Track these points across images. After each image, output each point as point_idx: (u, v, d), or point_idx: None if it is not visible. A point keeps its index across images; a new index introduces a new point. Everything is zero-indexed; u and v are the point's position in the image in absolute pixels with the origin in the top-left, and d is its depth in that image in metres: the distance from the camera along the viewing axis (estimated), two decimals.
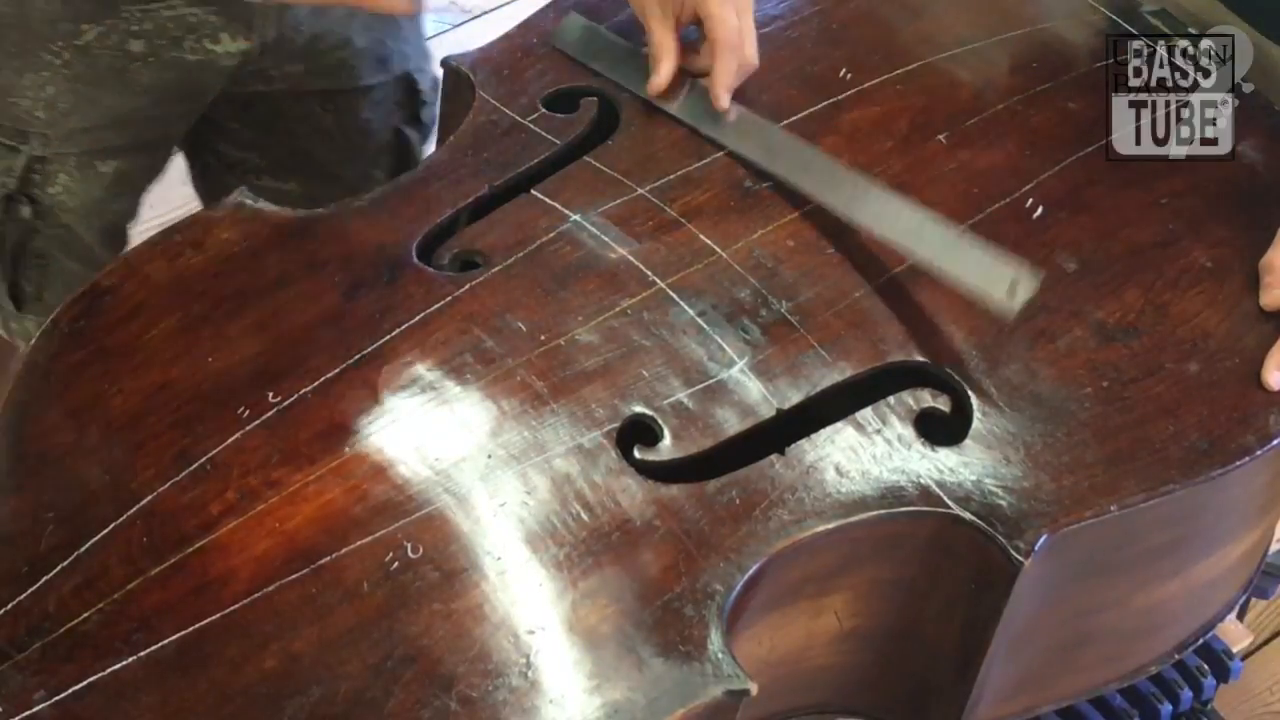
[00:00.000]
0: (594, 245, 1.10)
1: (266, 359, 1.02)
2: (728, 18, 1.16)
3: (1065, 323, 1.10)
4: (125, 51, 1.26)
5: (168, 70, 1.28)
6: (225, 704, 0.88)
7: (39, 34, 1.25)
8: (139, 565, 0.92)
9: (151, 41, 1.26)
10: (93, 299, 1.05)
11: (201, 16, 1.26)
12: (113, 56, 1.26)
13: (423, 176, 1.15)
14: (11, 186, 1.32)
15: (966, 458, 1.02)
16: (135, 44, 1.26)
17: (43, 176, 1.32)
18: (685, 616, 0.94)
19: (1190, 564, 1.13)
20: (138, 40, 1.26)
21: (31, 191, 1.33)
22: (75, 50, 1.25)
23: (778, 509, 0.99)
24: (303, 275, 1.07)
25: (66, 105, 1.28)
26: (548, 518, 0.97)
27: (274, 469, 0.97)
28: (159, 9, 1.24)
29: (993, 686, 1.08)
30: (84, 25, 1.24)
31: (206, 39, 1.28)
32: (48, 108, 1.28)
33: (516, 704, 0.89)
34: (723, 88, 1.17)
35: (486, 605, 0.93)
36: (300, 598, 0.92)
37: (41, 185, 1.33)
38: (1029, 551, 0.98)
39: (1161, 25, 1.29)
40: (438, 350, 1.03)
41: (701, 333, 1.06)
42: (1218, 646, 1.31)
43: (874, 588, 1.04)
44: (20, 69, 1.26)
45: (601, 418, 1.01)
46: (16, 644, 0.89)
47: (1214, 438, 1.05)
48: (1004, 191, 1.16)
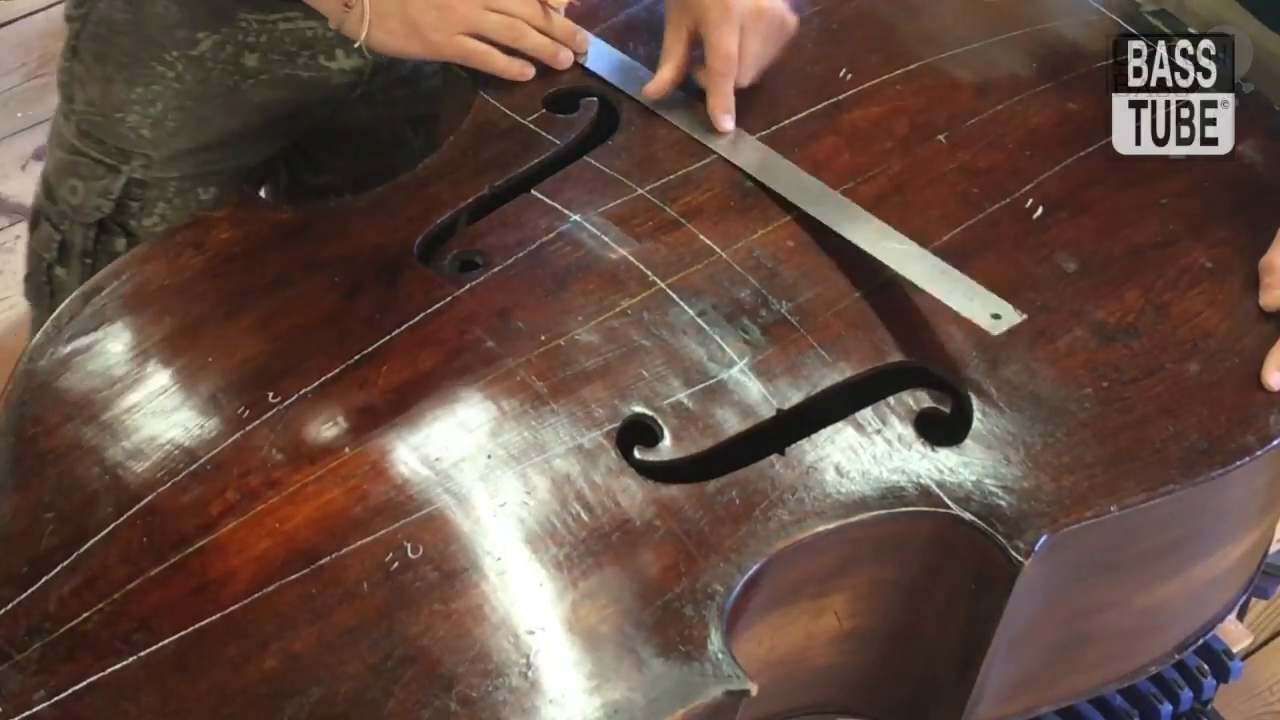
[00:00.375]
0: (594, 245, 1.10)
1: (266, 359, 1.02)
2: (724, 43, 1.16)
3: (1065, 323, 1.10)
4: (239, 66, 1.24)
5: (280, 88, 1.26)
6: (225, 704, 0.88)
7: (154, 41, 1.22)
8: (139, 565, 0.92)
9: (266, 56, 1.23)
10: (93, 300, 1.05)
11: (319, 32, 1.24)
12: (225, 71, 1.24)
13: (423, 176, 1.15)
14: (107, 210, 1.28)
15: (966, 458, 1.02)
16: (250, 58, 1.23)
17: (140, 205, 1.28)
18: (685, 617, 0.94)
19: (1190, 564, 1.13)
20: (252, 54, 1.23)
21: (127, 222, 1.29)
22: (189, 61, 1.22)
23: (778, 509, 0.99)
24: (303, 275, 1.07)
25: (174, 124, 1.25)
26: (548, 518, 0.97)
27: (274, 469, 0.97)
28: (276, 20, 1.22)
29: (993, 687, 1.08)
30: (200, 34, 1.22)
31: (322, 55, 1.25)
32: (155, 125, 1.25)
33: (516, 704, 0.89)
34: (718, 110, 1.17)
35: (486, 605, 0.93)
36: (300, 598, 0.92)
37: (138, 215, 1.29)
38: (1029, 552, 0.98)
39: (1161, 25, 1.29)
40: (438, 350, 1.03)
41: (701, 333, 1.06)
42: (1218, 646, 1.31)
43: (874, 588, 1.04)
44: (131, 80, 1.23)
45: (601, 418, 1.01)
46: (16, 644, 0.89)
47: (1214, 438, 1.05)
48: (1004, 191, 1.16)
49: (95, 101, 1.25)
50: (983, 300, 1.07)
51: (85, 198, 1.28)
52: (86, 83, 1.26)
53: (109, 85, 1.24)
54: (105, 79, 1.24)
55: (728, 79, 1.16)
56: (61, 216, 1.29)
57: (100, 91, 1.25)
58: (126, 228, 1.30)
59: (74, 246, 1.30)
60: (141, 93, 1.23)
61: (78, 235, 1.29)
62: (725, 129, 1.17)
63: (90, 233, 1.29)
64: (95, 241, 1.30)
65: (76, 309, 1.05)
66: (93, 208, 1.28)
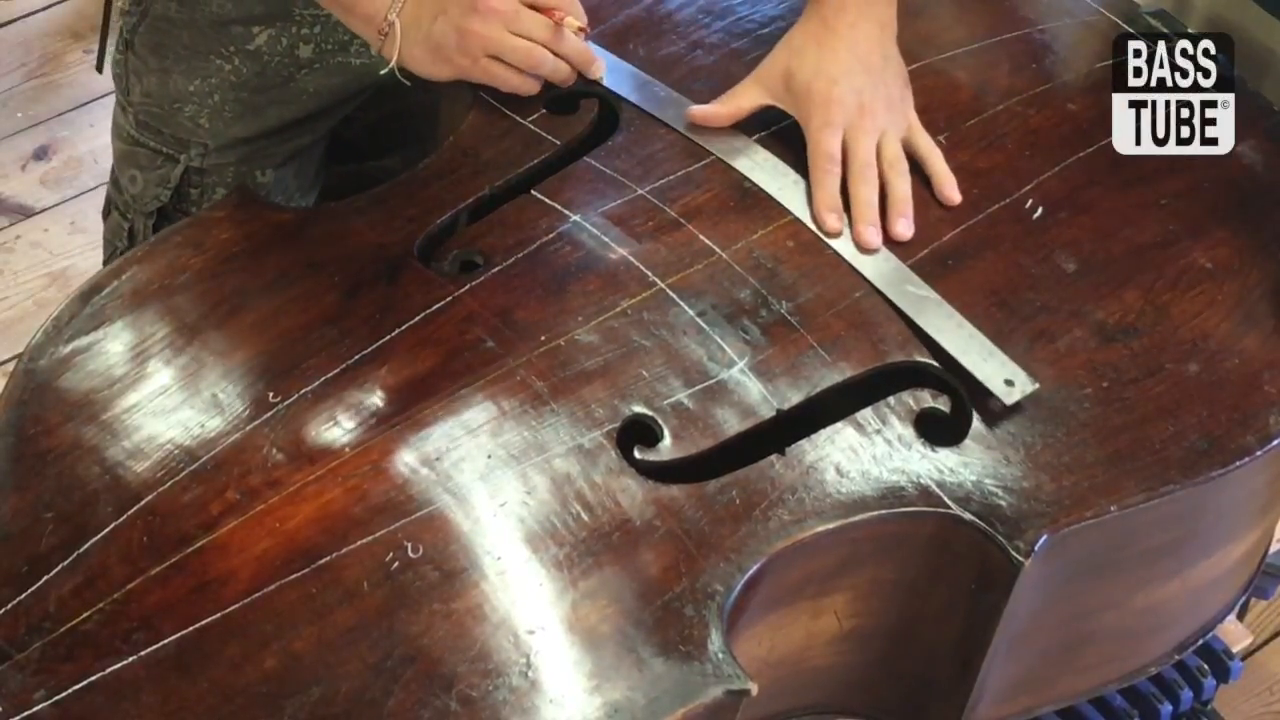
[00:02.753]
0: (594, 245, 1.10)
1: (267, 359, 1.02)
2: (826, 144, 1.14)
3: (1065, 323, 1.10)
4: (294, 57, 1.25)
5: (333, 76, 1.27)
6: (225, 704, 0.88)
7: (210, 36, 1.23)
8: (139, 565, 0.92)
9: (319, 47, 1.25)
10: (93, 299, 1.05)
11: None
12: (281, 63, 1.24)
13: (423, 176, 1.15)
14: (166, 199, 1.30)
15: (966, 458, 1.02)
16: (304, 49, 1.24)
17: (200, 191, 1.30)
18: (685, 616, 0.94)
19: (1190, 564, 1.13)
20: (307, 46, 1.24)
21: (188, 209, 1.31)
22: (245, 55, 1.24)
23: (778, 509, 0.99)
24: (303, 275, 1.07)
25: (231, 114, 1.26)
26: (548, 518, 0.97)
27: (274, 469, 0.97)
28: (331, 14, 1.23)
29: (992, 687, 1.08)
30: (255, 28, 1.23)
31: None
32: (212, 115, 1.26)
33: (516, 704, 0.89)
34: (822, 208, 1.13)
35: (486, 605, 0.93)
36: (300, 597, 0.92)
37: (198, 202, 1.31)
38: (1029, 552, 0.98)
39: (1161, 25, 1.29)
40: (438, 350, 1.03)
41: (701, 333, 1.06)
42: (1218, 646, 1.31)
43: (874, 588, 1.04)
44: (188, 73, 1.24)
45: (601, 418, 1.01)
46: (16, 643, 0.89)
47: (1214, 438, 1.05)
48: (1004, 192, 1.16)
49: (152, 93, 1.27)
50: (998, 364, 1.06)
51: (144, 187, 1.30)
52: (143, 75, 1.27)
53: (166, 78, 1.25)
54: (163, 71, 1.25)
55: (833, 177, 1.13)
56: (127, 206, 1.32)
57: (158, 83, 1.26)
58: (187, 215, 1.31)
59: (139, 235, 1.33)
60: (200, 85, 1.25)
61: (140, 224, 1.31)
62: (832, 229, 1.12)
63: (150, 221, 1.32)
64: (155, 230, 1.31)
65: (76, 309, 1.05)
66: (152, 197, 1.30)
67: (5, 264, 2.15)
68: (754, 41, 1.24)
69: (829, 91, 1.14)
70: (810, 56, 1.15)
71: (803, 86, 1.15)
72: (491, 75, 1.15)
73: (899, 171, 1.14)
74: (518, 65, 1.15)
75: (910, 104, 1.18)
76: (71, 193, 2.22)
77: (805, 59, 1.16)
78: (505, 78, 1.16)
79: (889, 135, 1.15)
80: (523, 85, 1.16)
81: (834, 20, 1.15)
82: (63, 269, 2.13)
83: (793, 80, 1.16)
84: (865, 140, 1.14)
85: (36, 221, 2.20)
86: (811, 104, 1.15)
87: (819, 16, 1.16)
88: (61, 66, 2.39)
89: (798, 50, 1.16)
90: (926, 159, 1.16)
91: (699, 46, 1.24)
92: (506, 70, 1.15)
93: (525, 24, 1.14)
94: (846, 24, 1.15)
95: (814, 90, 1.14)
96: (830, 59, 1.15)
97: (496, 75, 1.15)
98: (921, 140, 1.17)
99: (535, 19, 1.15)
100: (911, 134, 1.17)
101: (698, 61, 1.23)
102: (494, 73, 1.15)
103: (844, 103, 1.14)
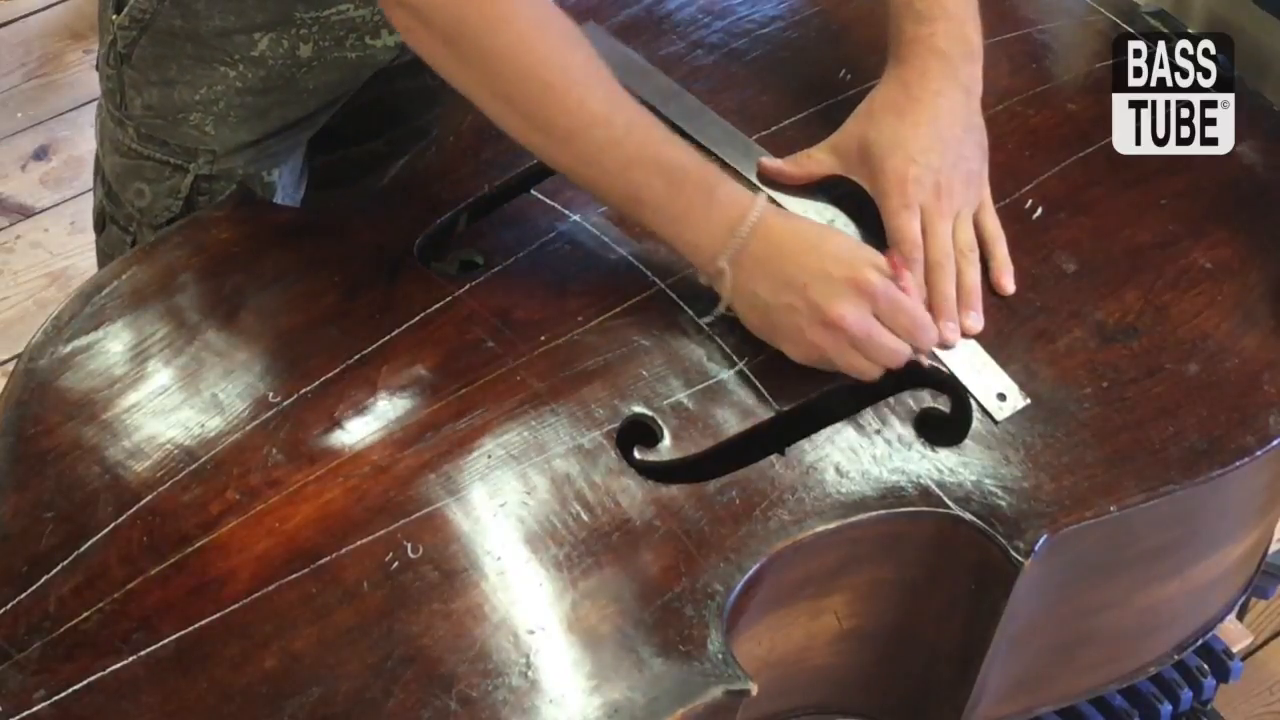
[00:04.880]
0: (594, 245, 1.10)
1: (267, 359, 1.02)
2: (905, 230, 1.07)
3: (1065, 323, 1.10)
4: (295, 58, 1.23)
5: (331, 71, 1.25)
6: (225, 703, 0.88)
7: (213, 46, 1.22)
8: (139, 565, 0.92)
9: (318, 45, 1.23)
10: (93, 299, 1.05)
11: (365, 15, 1.23)
12: (283, 65, 1.23)
13: (423, 176, 1.15)
14: (177, 209, 1.27)
15: (966, 458, 1.02)
16: (305, 49, 1.23)
17: (209, 198, 1.27)
18: (685, 616, 0.94)
19: (1190, 564, 1.13)
20: (306, 45, 1.23)
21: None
22: (249, 61, 1.22)
23: (778, 509, 0.99)
24: (302, 275, 1.07)
25: (236, 119, 1.25)
26: (548, 518, 0.97)
27: (274, 469, 0.97)
28: (330, 14, 1.22)
29: (992, 686, 1.08)
30: (256, 34, 1.22)
31: (367, 35, 1.24)
32: (218, 122, 1.25)
33: (516, 704, 0.89)
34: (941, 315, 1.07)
35: (486, 605, 0.93)
36: (300, 597, 0.92)
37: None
38: (1029, 552, 0.98)
39: (1161, 25, 1.29)
40: (438, 350, 1.03)
41: (701, 333, 1.06)
42: (1218, 646, 1.31)
43: (874, 588, 1.04)
44: (193, 84, 1.23)
45: (601, 418, 1.01)
46: (16, 643, 0.89)
47: (1213, 438, 1.05)
48: (1004, 192, 1.16)
49: (155, 105, 1.26)
50: (991, 374, 1.05)
51: (153, 200, 1.28)
52: (143, 88, 1.26)
53: (170, 89, 1.24)
54: (165, 83, 1.25)
55: (915, 263, 1.08)
56: (129, 219, 1.30)
57: (160, 95, 1.25)
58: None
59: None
60: (205, 93, 1.24)
61: (147, 236, 1.30)
62: (950, 342, 1.07)
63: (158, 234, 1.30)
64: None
65: (76, 309, 1.05)
66: (162, 209, 1.28)
67: (5, 264, 2.15)
68: (754, 41, 1.24)
69: (905, 170, 1.08)
70: (888, 128, 1.09)
71: (878, 161, 1.09)
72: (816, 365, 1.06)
73: (971, 261, 1.09)
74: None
75: (986, 175, 1.12)
76: (71, 193, 2.22)
77: (883, 130, 1.09)
78: (862, 370, 1.05)
79: (963, 217, 1.10)
80: (870, 372, 1.06)
81: (916, 88, 1.10)
82: (63, 269, 2.13)
83: (869, 153, 1.10)
84: (942, 225, 1.08)
85: (36, 221, 2.20)
86: (888, 182, 1.08)
87: (900, 81, 1.11)
88: (61, 66, 2.39)
89: (876, 119, 1.10)
90: (990, 243, 1.11)
91: (699, 46, 1.24)
92: (863, 361, 1.05)
93: (875, 348, 1.03)
94: (931, 92, 1.10)
95: (890, 168, 1.08)
96: (910, 133, 1.09)
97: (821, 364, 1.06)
98: (990, 222, 1.11)
99: (884, 343, 1.03)
100: (982, 213, 1.11)
101: (698, 61, 1.22)
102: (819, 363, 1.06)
103: (921, 183, 1.08)
